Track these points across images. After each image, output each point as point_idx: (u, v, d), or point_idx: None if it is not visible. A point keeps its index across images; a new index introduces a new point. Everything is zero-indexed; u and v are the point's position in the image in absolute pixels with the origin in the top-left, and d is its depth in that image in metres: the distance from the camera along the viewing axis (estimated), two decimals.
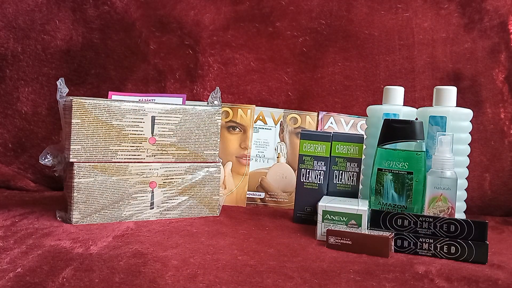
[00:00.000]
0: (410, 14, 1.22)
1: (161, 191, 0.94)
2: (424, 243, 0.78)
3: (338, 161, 0.97)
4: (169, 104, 0.94)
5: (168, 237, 0.81)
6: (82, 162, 0.87)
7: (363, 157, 0.99)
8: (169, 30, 1.23)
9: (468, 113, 0.96)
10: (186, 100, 1.09)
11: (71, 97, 0.87)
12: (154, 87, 1.23)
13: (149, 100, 1.03)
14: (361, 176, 1.00)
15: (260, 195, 1.15)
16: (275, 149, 1.16)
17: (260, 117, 1.17)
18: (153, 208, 0.93)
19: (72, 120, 0.86)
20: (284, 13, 1.23)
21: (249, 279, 0.64)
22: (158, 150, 0.93)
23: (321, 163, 0.97)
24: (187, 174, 0.96)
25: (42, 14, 1.23)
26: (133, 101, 0.92)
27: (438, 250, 0.77)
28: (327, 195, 0.97)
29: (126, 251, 0.72)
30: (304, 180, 0.98)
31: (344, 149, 0.97)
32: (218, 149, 0.99)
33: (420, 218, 0.79)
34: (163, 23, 1.23)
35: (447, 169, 0.84)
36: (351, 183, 0.97)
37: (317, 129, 1.17)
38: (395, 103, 0.99)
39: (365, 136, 1.00)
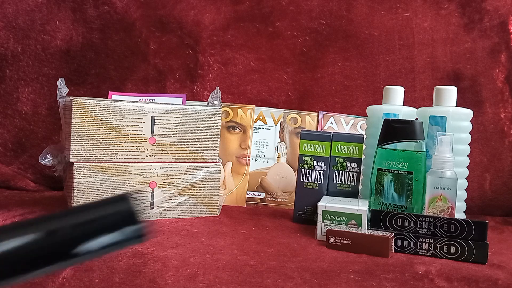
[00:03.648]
0: (410, 14, 1.22)
1: (161, 191, 0.94)
2: (424, 243, 0.78)
3: (338, 161, 0.97)
4: (169, 104, 0.94)
5: (168, 237, 0.81)
6: (82, 162, 0.87)
7: (363, 157, 0.99)
8: (169, 30, 1.23)
9: (468, 113, 0.96)
10: (186, 100, 1.09)
11: (71, 97, 0.87)
12: (154, 87, 1.23)
13: (149, 100, 1.03)
14: (361, 176, 1.00)
15: (260, 195, 1.14)
16: (275, 149, 1.16)
17: (260, 117, 1.17)
18: (153, 208, 0.93)
19: (72, 120, 0.85)
20: (284, 13, 1.23)
21: (249, 279, 0.64)
22: (158, 150, 0.93)
23: (321, 163, 0.97)
24: (187, 174, 0.96)
25: (42, 14, 1.23)
26: (133, 101, 0.91)
27: (438, 250, 0.77)
28: (327, 195, 0.97)
29: (126, 251, 0.72)
30: (304, 180, 0.98)
31: (344, 149, 0.97)
32: (218, 149, 0.99)
33: (420, 218, 0.79)
34: (163, 23, 1.23)
35: (447, 169, 0.84)
36: (351, 183, 0.97)
37: (317, 129, 1.17)
38: (395, 103, 0.99)
39: (365, 136, 1.00)
